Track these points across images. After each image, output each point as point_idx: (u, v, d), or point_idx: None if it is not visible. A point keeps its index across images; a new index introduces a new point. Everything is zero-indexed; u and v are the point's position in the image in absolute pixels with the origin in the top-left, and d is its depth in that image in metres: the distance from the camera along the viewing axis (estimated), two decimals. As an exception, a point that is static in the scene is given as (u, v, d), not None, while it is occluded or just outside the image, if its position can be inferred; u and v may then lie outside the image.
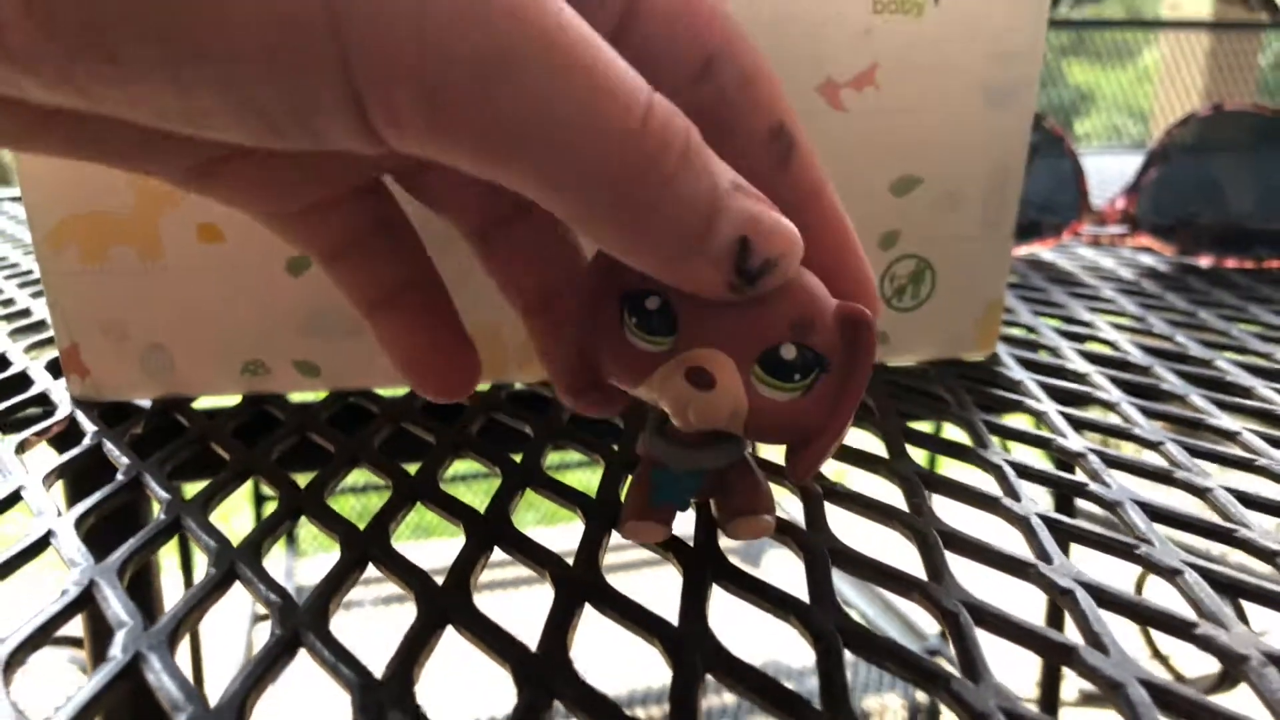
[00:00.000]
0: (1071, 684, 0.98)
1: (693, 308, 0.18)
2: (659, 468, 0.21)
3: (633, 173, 0.15)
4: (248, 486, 0.24)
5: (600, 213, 0.16)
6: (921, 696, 0.88)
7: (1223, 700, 0.17)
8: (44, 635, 0.19)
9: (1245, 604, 0.21)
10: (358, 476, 0.26)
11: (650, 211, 0.15)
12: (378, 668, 0.18)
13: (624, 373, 0.19)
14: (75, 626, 0.23)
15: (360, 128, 0.14)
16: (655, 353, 0.19)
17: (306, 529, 0.24)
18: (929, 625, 1.04)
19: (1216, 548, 0.25)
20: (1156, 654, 1.13)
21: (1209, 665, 0.73)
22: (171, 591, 0.36)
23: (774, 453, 0.25)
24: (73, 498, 0.25)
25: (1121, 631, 0.19)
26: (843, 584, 1.27)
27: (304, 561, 1.15)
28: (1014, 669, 0.24)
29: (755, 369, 0.18)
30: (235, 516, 1.59)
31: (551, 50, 0.14)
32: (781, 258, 0.17)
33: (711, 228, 0.16)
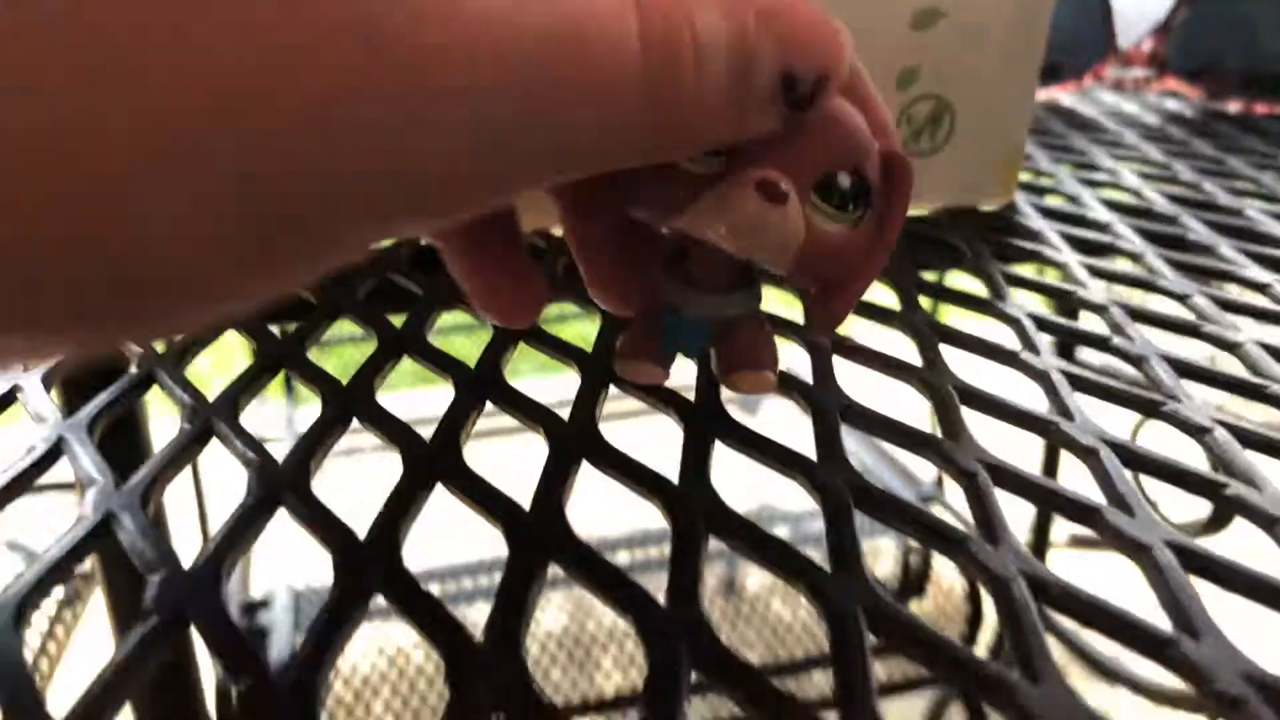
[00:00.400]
0: (1061, 528, 1.00)
1: None
2: (671, 312, 0.19)
3: (653, 116, 0.14)
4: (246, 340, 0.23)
5: (636, 155, 0.15)
6: (914, 541, 0.89)
7: (1211, 543, 0.16)
8: (15, 490, 0.18)
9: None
10: (354, 327, 0.25)
11: (684, 121, 0.15)
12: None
13: (664, 200, 0.17)
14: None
15: None
16: (703, 174, 0.17)
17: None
18: (923, 471, 1.05)
19: (1230, 402, 0.24)
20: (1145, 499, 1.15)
21: (1198, 509, 0.74)
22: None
23: (780, 309, 0.24)
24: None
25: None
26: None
27: (304, 409, 1.15)
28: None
29: (813, 198, 0.17)
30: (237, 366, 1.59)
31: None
32: (829, 70, 0.15)
33: (750, 83, 0.15)
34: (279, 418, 1.11)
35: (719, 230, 0.16)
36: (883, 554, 0.94)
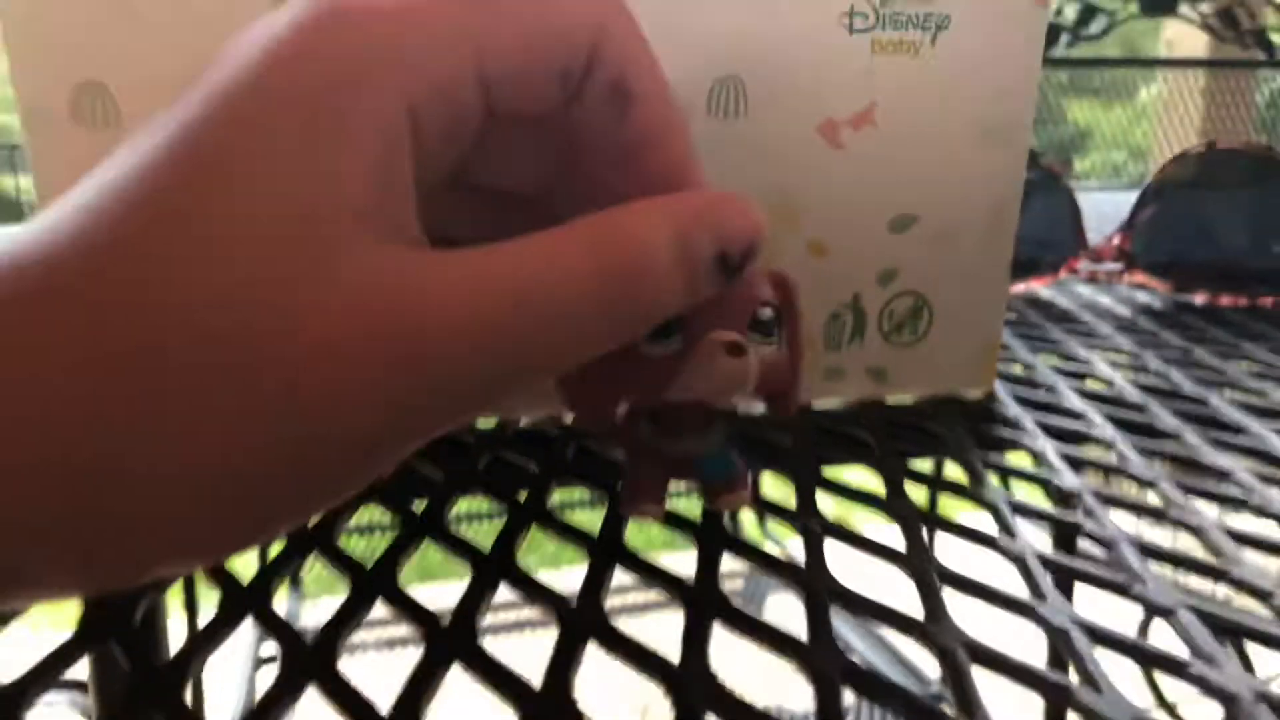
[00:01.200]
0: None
1: None
2: (676, 457, 0.24)
3: (619, 328, 0.18)
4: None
5: (605, 344, 0.18)
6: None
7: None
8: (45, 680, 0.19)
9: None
10: (361, 515, 0.27)
11: (642, 312, 0.18)
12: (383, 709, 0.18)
13: (646, 385, 0.21)
14: (81, 670, 0.23)
15: None
16: (668, 354, 0.21)
17: (310, 571, 0.24)
18: (932, 670, 1.03)
19: (1208, 583, 0.25)
20: (1162, 702, 1.12)
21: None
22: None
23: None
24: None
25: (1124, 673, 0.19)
26: (850, 631, 1.26)
27: (309, 605, 1.14)
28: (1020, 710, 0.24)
29: (750, 335, 0.21)
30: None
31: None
32: (754, 243, 0.19)
33: (692, 269, 0.18)
34: (281, 612, 1.10)
35: (706, 392, 0.21)
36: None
